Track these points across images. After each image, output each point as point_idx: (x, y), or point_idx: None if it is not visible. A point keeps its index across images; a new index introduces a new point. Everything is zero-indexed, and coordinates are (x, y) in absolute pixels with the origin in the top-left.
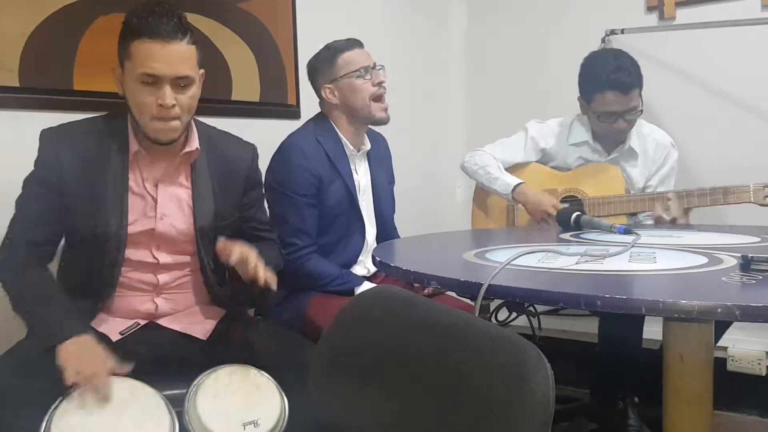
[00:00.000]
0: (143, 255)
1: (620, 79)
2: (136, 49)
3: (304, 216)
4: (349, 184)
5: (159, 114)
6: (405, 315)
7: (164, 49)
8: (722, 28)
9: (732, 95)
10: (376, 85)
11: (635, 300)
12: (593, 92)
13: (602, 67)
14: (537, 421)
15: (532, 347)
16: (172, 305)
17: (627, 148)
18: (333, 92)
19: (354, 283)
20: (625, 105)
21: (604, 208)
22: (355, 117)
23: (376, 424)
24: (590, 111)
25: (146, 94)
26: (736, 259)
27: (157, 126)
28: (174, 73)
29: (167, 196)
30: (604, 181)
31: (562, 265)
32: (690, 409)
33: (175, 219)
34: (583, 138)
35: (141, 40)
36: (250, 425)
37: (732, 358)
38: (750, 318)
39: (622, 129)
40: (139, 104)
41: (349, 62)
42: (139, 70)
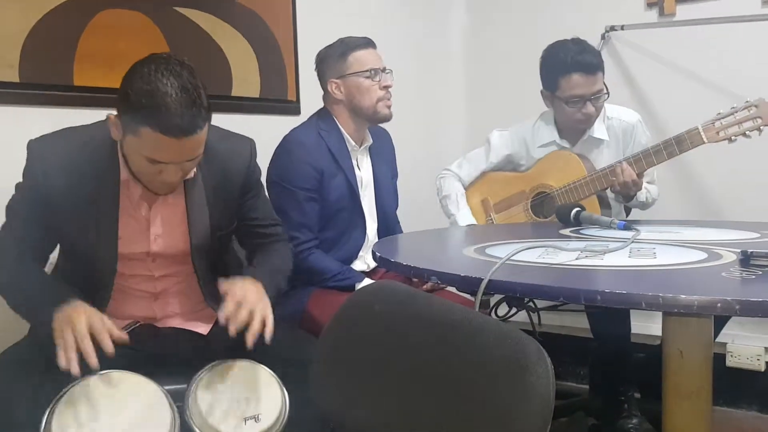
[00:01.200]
0: (139, 269)
1: (585, 60)
2: (146, 136)
3: (305, 210)
4: (350, 179)
5: (161, 183)
6: (406, 310)
7: (179, 144)
8: (723, 24)
9: (732, 92)
10: (383, 88)
11: (635, 295)
12: (558, 77)
13: (565, 52)
14: (537, 415)
15: (533, 342)
16: (171, 309)
17: (587, 138)
18: (339, 88)
19: (355, 280)
20: (592, 87)
21: (574, 194)
22: (358, 114)
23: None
24: (556, 99)
25: (150, 168)
26: (735, 255)
27: (157, 187)
28: (184, 159)
29: (160, 217)
30: (565, 169)
31: (562, 261)
32: (689, 404)
33: (168, 238)
34: (550, 138)
35: (154, 132)
36: (251, 420)
37: (731, 353)
38: (749, 313)
39: (590, 113)
40: (139, 170)
41: (360, 61)
42: (146, 155)
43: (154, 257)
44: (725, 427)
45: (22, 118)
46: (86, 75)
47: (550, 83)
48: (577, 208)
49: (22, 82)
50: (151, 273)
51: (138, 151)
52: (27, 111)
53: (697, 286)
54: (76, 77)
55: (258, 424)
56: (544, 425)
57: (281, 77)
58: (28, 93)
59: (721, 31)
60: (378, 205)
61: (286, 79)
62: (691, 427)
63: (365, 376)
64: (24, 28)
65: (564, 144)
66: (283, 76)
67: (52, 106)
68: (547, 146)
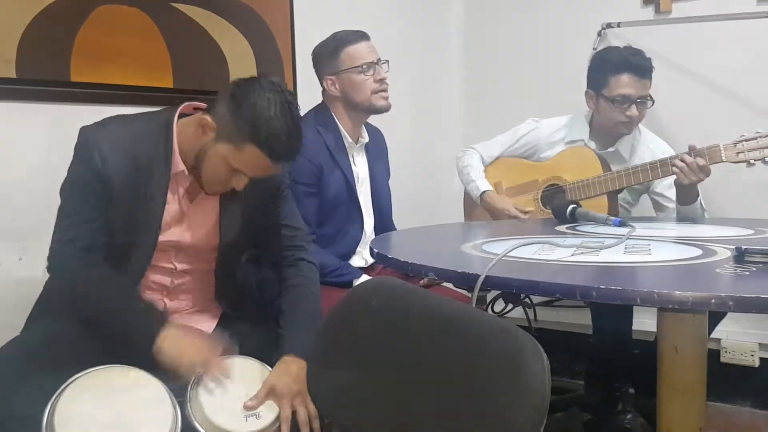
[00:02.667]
0: (163, 261)
1: (638, 62)
2: (248, 151)
3: (304, 205)
4: (347, 175)
5: (225, 189)
6: (403, 306)
7: (273, 165)
8: (718, 21)
9: (728, 89)
10: (377, 81)
11: (630, 291)
12: (608, 76)
13: (617, 53)
14: (533, 409)
15: (529, 337)
16: (180, 304)
17: (614, 150)
18: (334, 84)
19: (352, 276)
20: (640, 90)
21: (586, 191)
22: (355, 109)
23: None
24: (601, 99)
25: (224, 173)
26: (730, 251)
27: (214, 189)
28: (266, 175)
29: (198, 210)
30: (582, 164)
31: (558, 257)
32: (684, 399)
33: (200, 233)
34: (580, 136)
35: (257, 150)
36: (251, 416)
37: (725, 349)
38: (743, 309)
39: (634, 116)
40: (209, 172)
41: (353, 56)
42: (236, 165)
43: (178, 250)
44: (719, 422)
45: (20, 114)
46: (83, 71)
47: (598, 82)
48: (573, 205)
49: (20, 78)
50: (173, 266)
51: (228, 160)
52: (24, 107)
53: (692, 282)
54: (74, 73)
55: (258, 420)
56: (539, 420)
57: (278, 73)
58: (26, 89)
59: (717, 29)
60: (374, 201)
61: (283, 75)
62: (685, 422)
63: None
64: (21, 23)
65: (591, 145)
66: (280, 72)
67: (49, 101)
68: (574, 143)
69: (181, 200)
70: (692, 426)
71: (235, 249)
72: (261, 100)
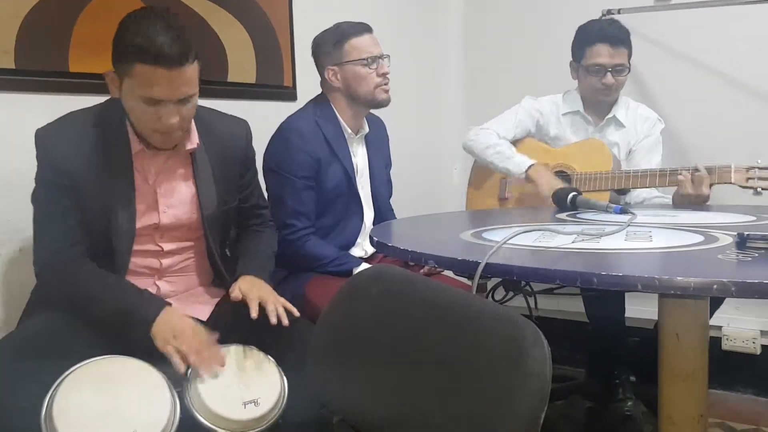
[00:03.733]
0: (148, 245)
1: (611, 32)
2: (138, 72)
3: (302, 198)
4: (347, 167)
5: (162, 128)
6: (403, 294)
7: (169, 75)
8: (719, 7)
9: (728, 75)
10: (380, 75)
11: (632, 277)
12: (584, 47)
13: (594, 24)
14: (535, 396)
15: (530, 324)
16: (174, 287)
17: (612, 117)
18: (336, 75)
19: (352, 264)
20: (614, 59)
21: (592, 184)
22: (356, 101)
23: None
24: (581, 68)
25: (148, 111)
26: (731, 238)
27: (159, 138)
28: (178, 96)
29: (169, 189)
30: (593, 158)
31: (558, 244)
32: (685, 386)
33: (178, 210)
34: (574, 107)
35: (145, 65)
36: (250, 404)
37: (726, 337)
38: (746, 294)
39: (610, 83)
40: (139, 118)
41: (357, 49)
42: (143, 94)
43: (162, 231)
44: (720, 409)
45: (18, 105)
46: (82, 61)
47: (577, 53)
48: (573, 192)
49: (18, 69)
50: (160, 248)
51: (135, 94)
52: (22, 97)
53: (694, 268)
54: (72, 63)
55: (257, 408)
56: (541, 406)
57: (277, 63)
58: (24, 79)
59: (718, 15)
60: (373, 193)
61: (282, 65)
62: (686, 409)
63: (363, 360)
64: (19, 13)
65: (587, 117)
66: (279, 62)
67: (47, 92)
68: (571, 115)
69: (151, 181)
70: (693, 413)
71: (217, 223)
72: (131, 23)
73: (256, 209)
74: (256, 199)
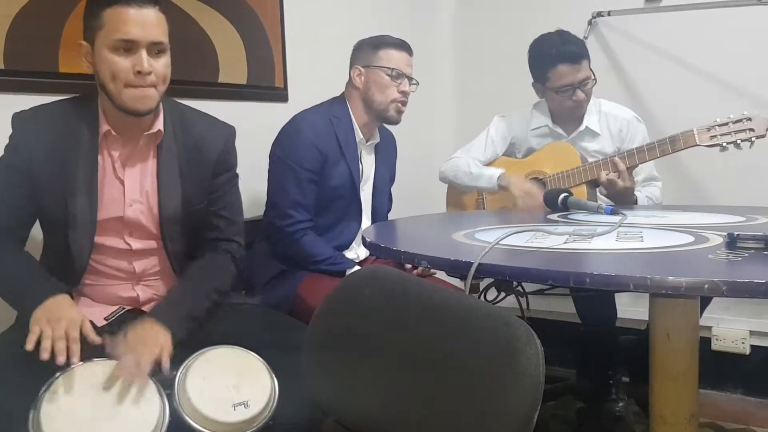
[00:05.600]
0: (115, 241)
1: (569, 51)
2: (109, 17)
3: (304, 190)
4: (353, 170)
5: (136, 81)
6: (396, 294)
7: (139, 13)
8: (709, 9)
9: (719, 77)
10: (400, 92)
11: (623, 277)
12: (546, 70)
13: (549, 45)
14: (528, 395)
15: (522, 324)
16: (153, 292)
17: (584, 129)
18: (360, 76)
19: (346, 266)
20: (578, 75)
21: (565, 181)
22: (370, 108)
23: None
24: (547, 90)
25: (121, 61)
26: (722, 238)
27: (134, 94)
28: (150, 38)
29: (136, 181)
30: (561, 158)
31: (551, 245)
32: (676, 386)
33: (144, 206)
34: (543, 123)
35: (113, 8)
36: (240, 406)
37: (716, 337)
38: (736, 293)
39: (581, 99)
40: (113, 72)
41: (390, 59)
42: (114, 37)
43: (130, 230)
44: (711, 409)
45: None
46: (71, 62)
47: (539, 75)
48: (564, 194)
49: (7, 69)
50: (128, 245)
51: (107, 43)
52: (12, 98)
53: (685, 268)
54: (62, 64)
55: (247, 410)
56: (534, 405)
57: (269, 64)
58: (14, 80)
59: (708, 16)
60: (373, 203)
61: (274, 66)
62: (677, 408)
63: (356, 360)
64: (9, 13)
65: (557, 130)
66: (271, 63)
67: (37, 92)
68: (540, 130)
69: (116, 168)
70: (684, 412)
71: (180, 224)
72: None
73: (216, 218)
74: (221, 208)
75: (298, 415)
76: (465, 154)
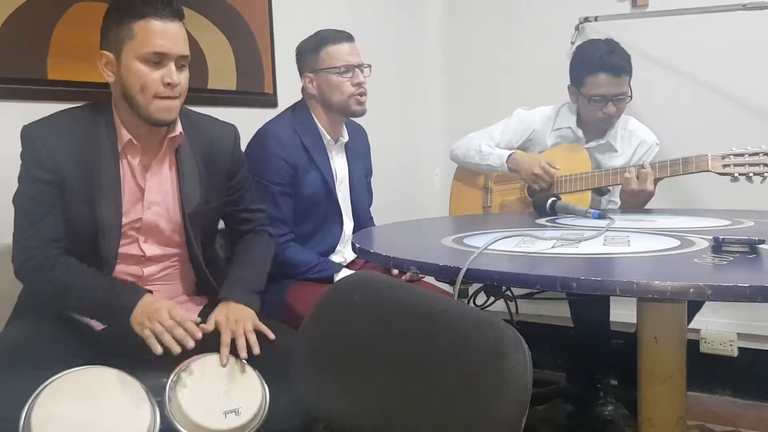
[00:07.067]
0: (130, 248)
1: (612, 61)
2: (141, 29)
3: (279, 204)
4: (325, 174)
5: (165, 92)
6: (385, 300)
7: (169, 27)
8: (695, 14)
9: (706, 82)
10: (355, 85)
11: (610, 281)
12: (585, 75)
13: (595, 51)
14: (516, 400)
15: (510, 329)
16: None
17: (605, 143)
18: (312, 82)
19: (333, 270)
20: (615, 88)
21: (572, 184)
22: (331, 110)
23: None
24: (581, 96)
25: (151, 73)
26: (707, 242)
27: (161, 105)
28: (179, 51)
29: (155, 184)
30: (573, 160)
31: (538, 249)
32: (664, 389)
33: (162, 208)
34: (567, 124)
35: (145, 20)
36: (231, 413)
37: (704, 340)
38: (721, 297)
39: (611, 114)
40: (143, 84)
41: (333, 57)
42: (146, 50)
43: (145, 235)
44: (699, 411)
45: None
46: (60, 68)
47: (577, 79)
48: (552, 198)
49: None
50: (142, 252)
51: (137, 55)
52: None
53: (671, 272)
54: (50, 71)
55: (238, 417)
56: (522, 410)
57: (258, 70)
58: (2, 87)
59: (694, 22)
60: (352, 201)
61: (263, 72)
62: (665, 411)
63: (345, 366)
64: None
65: (578, 133)
66: (260, 69)
67: (25, 100)
68: (562, 130)
69: (135, 174)
70: (672, 415)
71: (200, 225)
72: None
73: (247, 213)
74: (247, 203)
75: (289, 421)
76: (478, 135)
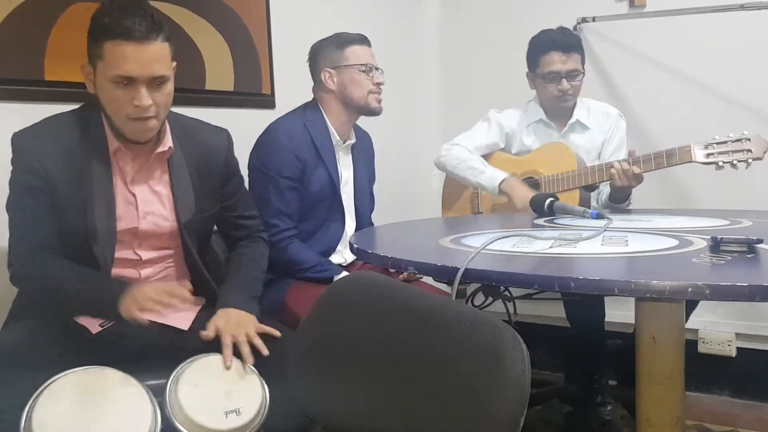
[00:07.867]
0: (126, 253)
1: (561, 40)
2: (109, 51)
3: (286, 198)
4: (332, 173)
5: (135, 114)
6: (383, 300)
7: (139, 50)
8: (693, 15)
9: (704, 82)
10: (375, 84)
11: (608, 281)
12: (538, 56)
13: (545, 34)
14: (514, 400)
15: (509, 329)
16: None
17: (575, 122)
18: (332, 78)
19: (333, 272)
20: (566, 64)
21: (559, 184)
22: (348, 106)
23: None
24: (537, 78)
25: (121, 95)
26: (705, 241)
27: (134, 126)
28: (149, 74)
29: (148, 193)
30: (558, 160)
31: (536, 249)
32: (662, 389)
33: (157, 217)
34: (537, 116)
35: (114, 42)
36: (231, 414)
37: (703, 340)
38: (719, 297)
39: (566, 89)
40: (113, 105)
41: (358, 55)
42: (113, 72)
43: (141, 240)
44: (697, 411)
45: None
46: (57, 70)
47: (532, 63)
48: (550, 198)
49: None
50: (138, 256)
51: (107, 77)
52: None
53: (669, 271)
54: (47, 72)
55: (239, 417)
56: (520, 410)
57: (255, 71)
58: None
59: (692, 22)
60: (355, 203)
61: (260, 73)
62: (664, 411)
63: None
64: None
65: (550, 123)
66: (257, 70)
67: (23, 101)
68: (535, 124)
69: (127, 182)
70: (671, 415)
71: (195, 231)
72: (103, 9)
73: (242, 219)
74: (242, 209)
75: (288, 422)
76: (467, 142)
